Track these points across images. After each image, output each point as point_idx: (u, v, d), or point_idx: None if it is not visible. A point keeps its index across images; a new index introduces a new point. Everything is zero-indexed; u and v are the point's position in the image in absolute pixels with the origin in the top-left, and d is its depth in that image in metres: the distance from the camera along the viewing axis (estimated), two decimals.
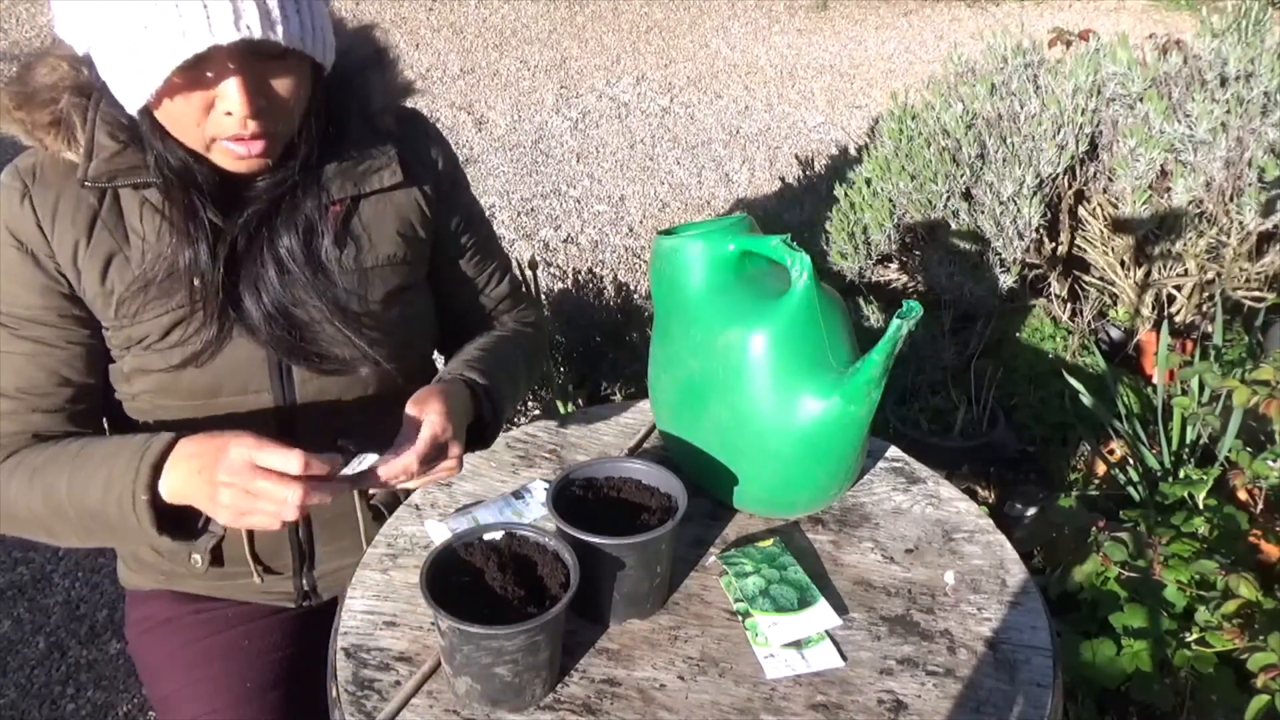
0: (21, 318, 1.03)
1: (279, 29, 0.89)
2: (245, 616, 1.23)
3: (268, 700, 1.15)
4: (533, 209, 3.88)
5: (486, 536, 0.91)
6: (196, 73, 0.90)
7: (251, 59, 0.91)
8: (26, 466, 1.02)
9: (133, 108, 0.94)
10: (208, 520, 1.01)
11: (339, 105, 1.08)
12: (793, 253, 0.98)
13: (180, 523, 0.98)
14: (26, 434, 1.05)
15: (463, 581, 0.87)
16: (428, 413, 0.97)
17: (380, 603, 0.98)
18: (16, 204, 1.01)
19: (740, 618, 0.98)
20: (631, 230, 3.77)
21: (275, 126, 0.98)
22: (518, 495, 1.13)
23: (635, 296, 2.44)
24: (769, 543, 1.06)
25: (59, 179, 1.02)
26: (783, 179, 4.11)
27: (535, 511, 1.10)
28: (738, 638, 0.96)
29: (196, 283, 1.03)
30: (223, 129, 0.95)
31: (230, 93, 0.92)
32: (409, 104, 1.21)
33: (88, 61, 0.96)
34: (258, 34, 0.88)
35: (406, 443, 0.95)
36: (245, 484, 0.87)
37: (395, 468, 0.93)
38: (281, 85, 0.96)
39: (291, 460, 0.86)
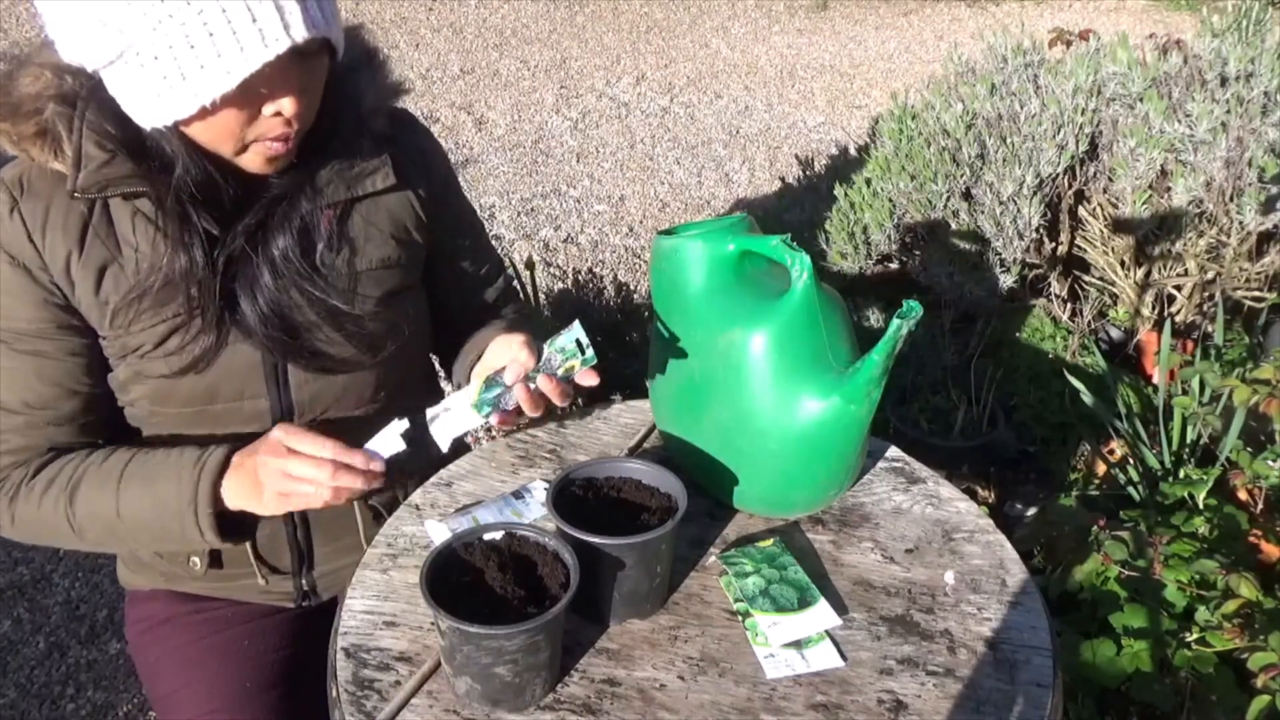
0: (19, 332, 1.02)
1: (319, 27, 0.91)
2: (245, 616, 1.22)
3: (267, 700, 1.15)
4: (533, 209, 3.88)
5: (486, 536, 0.91)
6: (249, 82, 0.89)
7: (294, 58, 0.92)
8: (59, 485, 1.04)
9: (163, 123, 0.93)
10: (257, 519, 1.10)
11: (330, 107, 1.07)
12: (793, 253, 0.98)
13: (236, 525, 1.07)
14: (43, 447, 1.06)
15: (463, 581, 0.87)
16: (511, 350, 1.06)
17: (380, 603, 0.98)
18: (5, 217, 0.99)
19: (740, 618, 0.98)
20: (631, 230, 3.77)
21: (306, 122, 1.00)
22: (518, 495, 1.12)
23: (635, 296, 2.44)
24: (769, 543, 1.06)
25: (47, 189, 1.00)
26: (783, 179, 4.11)
27: (535, 511, 1.10)
28: (738, 638, 0.96)
29: (194, 291, 1.02)
30: (269, 129, 0.96)
31: (281, 95, 0.93)
32: (404, 105, 1.20)
33: (75, 71, 0.95)
34: (307, 35, 0.89)
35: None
36: (282, 466, 0.98)
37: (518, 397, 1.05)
38: (314, 80, 0.98)
39: (323, 446, 0.99)
